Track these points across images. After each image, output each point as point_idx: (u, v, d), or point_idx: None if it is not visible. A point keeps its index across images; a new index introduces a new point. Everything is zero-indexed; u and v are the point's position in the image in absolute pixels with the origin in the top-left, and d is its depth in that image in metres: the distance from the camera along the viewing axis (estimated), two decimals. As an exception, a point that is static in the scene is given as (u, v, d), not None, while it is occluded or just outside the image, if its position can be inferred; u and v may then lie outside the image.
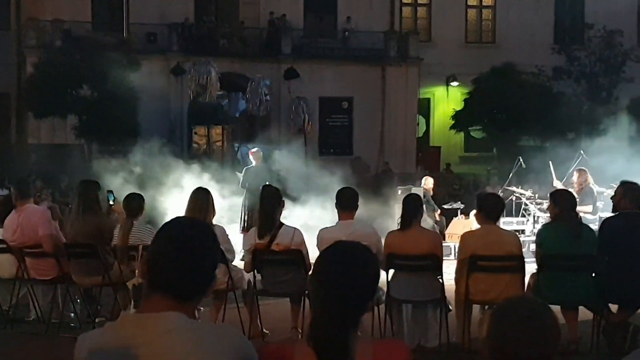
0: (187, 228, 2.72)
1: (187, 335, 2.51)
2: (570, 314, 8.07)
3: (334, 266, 2.74)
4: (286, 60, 29.76)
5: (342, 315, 2.66)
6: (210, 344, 2.52)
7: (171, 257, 2.61)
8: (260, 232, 8.35)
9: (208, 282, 2.70)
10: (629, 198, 8.01)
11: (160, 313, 2.54)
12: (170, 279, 2.60)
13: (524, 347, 2.54)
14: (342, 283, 2.68)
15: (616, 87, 31.74)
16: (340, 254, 2.80)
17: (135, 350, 2.48)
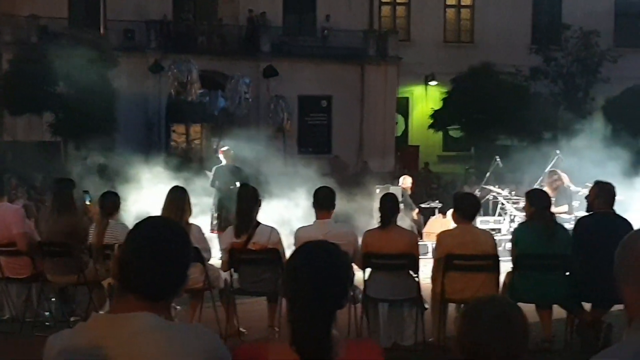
0: (158, 228, 2.70)
1: (159, 336, 2.51)
2: (544, 312, 8.13)
3: (304, 266, 2.74)
4: (265, 58, 29.72)
5: (317, 314, 2.67)
6: (182, 345, 2.52)
7: (143, 257, 2.59)
8: (237, 231, 8.34)
9: (180, 282, 2.68)
10: (603, 198, 8.08)
11: (131, 314, 2.53)
12: (142, 280, 2.58)
13: (493, 346, 2.57)
14: (313, 283, 2.69)
15: (592, 88, 31.95)
16: (310, 254, 2.80)
17: (106, 351, 2.47)
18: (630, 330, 2.51)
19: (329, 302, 2.72)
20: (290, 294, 2.73)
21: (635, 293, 2.46)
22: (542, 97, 31.21)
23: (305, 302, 2.66)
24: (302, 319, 2.64)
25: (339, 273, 2.78)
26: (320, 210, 8.20)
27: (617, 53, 31.90)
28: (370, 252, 8.06)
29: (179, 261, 2.66)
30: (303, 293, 2.68)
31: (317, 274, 2.70)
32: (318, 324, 2.67)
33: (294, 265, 2.77)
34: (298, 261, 2.78)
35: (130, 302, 2.57)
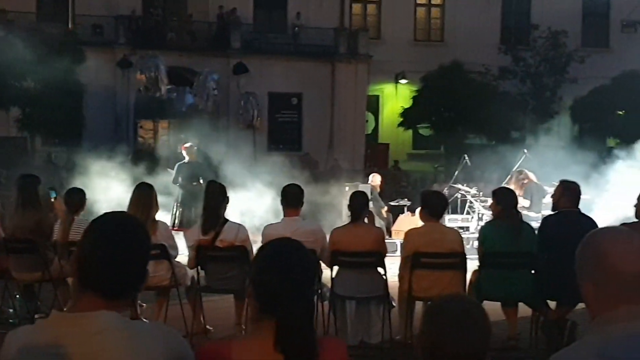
0: (116, 224, 2.66)
1: (119, 335, 2.48)
2: (510, 310, 8.19)
3: (273, 266, 2.74)
4: (235, 55, 29.65)
5: (302, 314, 2.68)
6: (143, 344, 2.50)
7: (100, 255, 2.55)
8: (204, 228, 8.30)
9: (140, 279, 2.65)
10: (568, 197, 8.14)
11: (92, 312, 2.50)
12: (100, 278, 2.55)
13: (455, 345, 2.57)
14: (288, 282, 2.68)
15: (560, 87, 32.21)
16: (277, 252, 2.80)
17: (67, 350, 2.44)
18: (592, 328, 2.53)
19: (307, 301, 2.72)
20: (261, 293, 2.71)
21: (596, 291, 2.48)
22: (511, 96, 31.45)
23: (288, 302, 2.65)
24: (288, 319, 2.63)
25: (307, 271, 2.77)
26: (289, 207, 8.19)
27: (585, 53, 32.20)
28: (338, 250, 8.05)
29: (138, 258, 2.63)
30: (281, 293, 2.66)
31: (288, 272, 2.70)
32: (305, 324, 2.67)
33: (262, 265, 2.76)
34: (266, 261, 2.77)
35: (89, 300, 2.54)
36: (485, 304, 7.51)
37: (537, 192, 14.46)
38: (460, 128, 29.95)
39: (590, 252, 2.50)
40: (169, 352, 2.54)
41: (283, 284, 2.66)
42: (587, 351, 2.43)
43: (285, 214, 8.22)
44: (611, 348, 2.37)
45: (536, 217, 12.78)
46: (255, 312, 2.73)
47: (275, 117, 31.31)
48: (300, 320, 2.66)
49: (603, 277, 2.45)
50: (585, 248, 2.53)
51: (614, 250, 2.45)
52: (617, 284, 2.43)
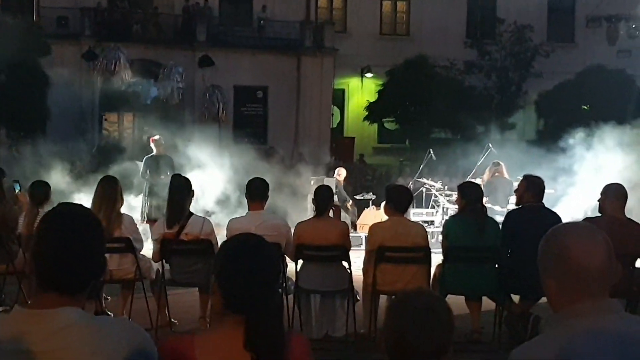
0: (65, 218, 2.61)
1: (83, 331, 2.47)
2: (473, 304, 8.24)
3: (235, 260, 2.73)
4: (201, 47, 29.51)
5: (270, 310, 2.67)
6: (107, 339, 2.48)
7: (53, 251, 2.51)
8: (169, 221, 8.28)
9: (96, 274, 2.61)
10: (532, 191, 8.21)
11: (54, 309, 2.48)
12: (56, 275, 2.51)
13: (418, 339, 2.58)
14: (253, 277, 2.68)
15: (525, 82, 32.39)
16: (238, 248, 2.79)
17: (30, 347, 2.42)
18: (554, 322, 2.56)
19: (276, 298, 2.72)
20: (228, 290, 2.70)
21: (558, 286, 2.50)
22: (476, 90, 31.58)
23: (256, 299, 2.64)
24: (257, 317, 2.63)
25: (272, 267, 2.78)
26: (253, 201, 8.18)
27: (550, 48, 32.41)
28: (303, 244, 8.06)
29: (92, 250, 2.58)
30: (248, 290, 2.66)
31: (253, 269, 2.69)
32: (275, 322, 2.68)
33: (226, 261, 2.75)
34: (230, 257, 2.76)
35: (50, 296, 2.51)
36: (449, 298, 7.58)
37: (502, 188, 14.56)
38: (426, 122, 30.05)
39: (552, 247, 2.53)
40: (132, 347, 2.52)
41: (249, 281, 2.66)
42: (550, 346, 2.45)
43: (250, 208, 8.22)
44: (574, 343, 2.40)
45: (501, 212, 12.87)
46: (219, 306, 2.72)
47: (241, 111, 31.21)
48: (270, 318, 2.66)
49: (565, 272, 2.47)
50: (547, 243, 2.55)
51: (576, 245, 2.47)
52: (579, 279, 2.46)
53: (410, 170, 24.07)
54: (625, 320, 2.52)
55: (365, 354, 7.64)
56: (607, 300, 2.48)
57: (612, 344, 2.40)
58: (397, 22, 36.23)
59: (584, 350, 2.39)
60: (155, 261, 8.40)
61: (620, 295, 7.20)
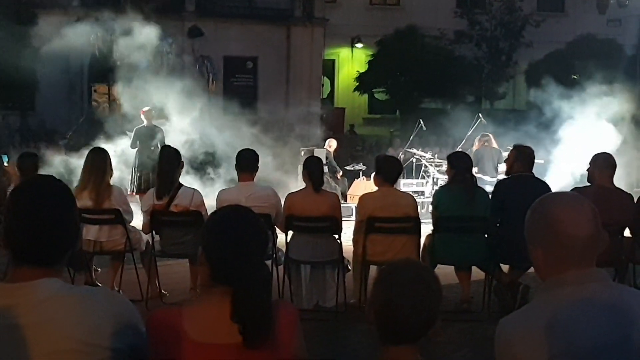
0: (36, 191, 2.57)
1: (66, 300, 2.46)
2: (463, 274, 8.29)
3: (222, 232, 2.72)
4: (190, 18, 29.31)
5: (257, 281, 2.66)
6: (90, 308, 2.47)
7: (23, 225, 2.49)
8: (158, 193, 8.27)
9: (70, 244, 2.58)
10: (521, 161, 8.22)
11: (33, 282, 2.46)
12: (28, 248, 2.49)
13: (406, 310, 2.59)
14: (242, 249, 2.67)
15: (515, 52, 32.32)
16: (225, 219, 2.78)
17: (15, 320, 2.41)
18: (541, 292, 2.57)
19: (263, 269, 2.72)
20: (215, 261, 2.70)
21: (545, 255, 2.51)
22: (466, 60, 31.49)
23: (243, 271, 2.64)
24: (244, 288, 2.62)
25: (259, 238, 2.77)
26: (243, 172, 8.17)
27: (540, 17, 32.29)
28: (293, 215, 8.07)
29: (62, 221, 2.54)
30: (235, 262, 2.65)
31: (240, 241, 2.68)
32: (262, 293, 2.66)
33: (213, 232, 2.74)
34: (217, 229, 2.75)
35: (26, 270, 2.48)
36: (439, 268, 7.63)
37: (490, 157, 14.60)
38: (416, 93, 30.01)
39: (539, 217, 2.53)
40: (116, 317, 2.52)
41: (236, 253, 2.65)
42: (537, 314, 2.47)
43: (240, 179, 8.21)
44: (561, 312, 2.41)
45: (491, 182, 12.91)
46: (206, 278, 2.71)
47: (231, 81, 31.06)
48: (257, 290, 2.65)
49: (552, 241, 2.48)
50: (534, 213, 2.56)
51: (563, 215, 2.48)
52: (566, 248, 2.46)
53: (401, 140, 24.07)
54: (612, 288, 2.53)
55: (355, 324, 7.68)
56: (593, 269, 2.49)
57: (599, 312, 2.41)
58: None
59: (571, 318, 2.40)
60: (145, 233, 8.40)
61: (609, 264, 7.25)
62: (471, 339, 7.33)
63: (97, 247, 8.36)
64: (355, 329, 7.60)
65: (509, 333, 2.49)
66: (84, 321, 2.45)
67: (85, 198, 8.08)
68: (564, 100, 15.45)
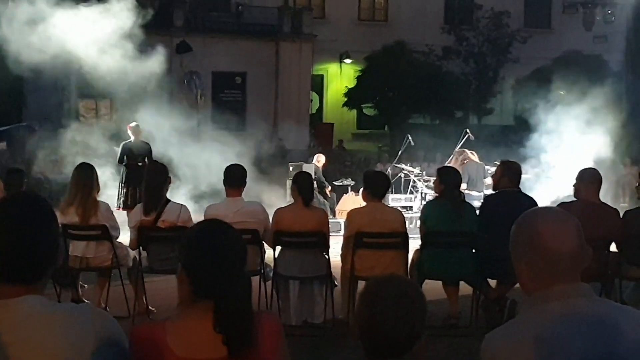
0: (14, 208, 2.55)
1: (47, 319, 2.44)
2: (451, 289, 8.28)
3: (199, 247, 2.72)
4: (178, 33, 29.33)
5: (241, 294, 2.68)
6: (74, 325, 2.46)
7: (1, 241, 2.46)
8: (146, 208, 8.24)
9: (50, 262, 2.56)
10: (508, 177, 8.24)
11: (17, 299, 2.44)
12: (8, 265, 2.47)
13: (391, 325, 2.59)
14: (210, 262, 2.67)
15: (503, 67, 32.50)
16: (202, 234, 2.78)
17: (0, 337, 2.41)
18: (526, 307, 2.58)
19: (243, 281, 2.71)
20: (195, 277, 2.69)
21: (529, 270, 2.52)
22: (454, 76, 31.64)
23: (223, 285, 2.64)
24: (225, 302, 2.62)
25: (237, 251, 2.77)
26: (231, 187, 8.17)
27: (527, 34, 32.51)
28: (281, 230, 8.06)
29: (43, 239, 2.53)
30: (215, 276, 2.65)
31: (218, 254, 2.68)
32: (243, 305, 2.67)
33: (191, 248, 2.74)
34: (194, 244, 2.74)
35: (9, 287, 2.46)
36: (427, 283, 7.63)
37: (477, 172, 14.64)
38: (404, 108, 30.12)
39: (523, 232, 2.54)
40: (99, 333, 2.51)
41: (215, 267, 2.65)
42: (523, 330, 2.47)
43: (228, 194, 8.20)
44: (548, 327, 2.42)
45: (478, 197, 12.94)
46: (187, 294, 2.71)
47: (219, 97, 31.07)
48: (238, 302, 2.65)
49: (536, 256, 2.49)
50: (518, 228, 2.57)
51: (546, 230, 2.49)
52: (550, 263, 2.47)
53: (389, 155, 24.14)
54: (597, 303, 2.54)
55: (343, 340, 7.67)
56: (578, 284, 2.50)
57: (584, 327, 2.42)
58: (375, 7, 36.18)
59: (556, 333, 2.41)
60: (132, 248, 8.37)
61: (595, 279, 7.27)
62: (459, 354, 7.33)
63: (83, 263, 8.32)
64: (343, 344, 7.59)
65: (494, 348, 2.50)
66: (67, 339, 2.43)
67: (71, 214, 8.07)
68: (551, 116, 15.52)
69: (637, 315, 2.55)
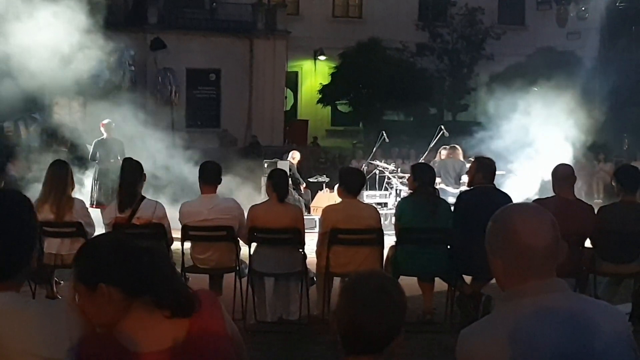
0: None
1: (21, 314, 2.45)
2: (426, 285, 8.31)
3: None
4: (152, 30, 29.18)
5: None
6: (47, 322, 2.46)
7: None
8: (120, 205, 8.19)
9: (24, 260, 2.57)
10: (482, 173, 8.27)
11: None
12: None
13: (370, 321, 2.59)
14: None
15: (477, 64, 32.61)
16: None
17: None
18: (501, 302, 2.60)
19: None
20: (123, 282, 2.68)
21: (505, 266, 2.54)
22: (428, 72, 31.72)
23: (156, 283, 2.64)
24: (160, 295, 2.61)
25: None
26: (206, 184, 8.15)
27: (501, 30, 32.65)
28: (256, 227, 8.06)
29: (18, 235, 2.55)
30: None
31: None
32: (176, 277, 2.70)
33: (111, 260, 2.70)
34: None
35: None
36: (402, 279, 7.65)
37: (453, 168, 14.70)
38: (379, 105, 30.17)
39: (498, 228, 2.56)
40: (73, 330, 2.50)
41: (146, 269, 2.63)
42: (498, 325, 2.49)
43: (203, 191, 8.19)
44: (523, 322, 2.43)
45: (454, 193, 12.99)
46: (121, 299, 2.63)
47: (194, 94, 30.96)
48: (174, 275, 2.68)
49: (511, 252, 2.51)
50: (494, 224, 2.59)
51: (521, 225, 2.51)
52: (525, 258, 2.49)
53: (363, 152, 24.16)
54: (571, 298, 2.56)
55: (318, 336, 7.68)
56: (553, 280, 2.52)
57: (560, 322, 2.44)
58: (349, 4, 36.15)
59: (532, 328, 2.43)
60: (107, 246, 8.30)
61: (570, 275, 7.31)
62: (434, 350, 7.35)
63: (58, 260, 8.27)
64: (318, 341, 7.59)
65: (470, 343, 2.51)
66: (41, 335, 2.43)
67: (46, 211, 8.02)
68: (525, 112, 15.60)
69: (612, 310, 2.57)
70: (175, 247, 8.29)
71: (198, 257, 8.24)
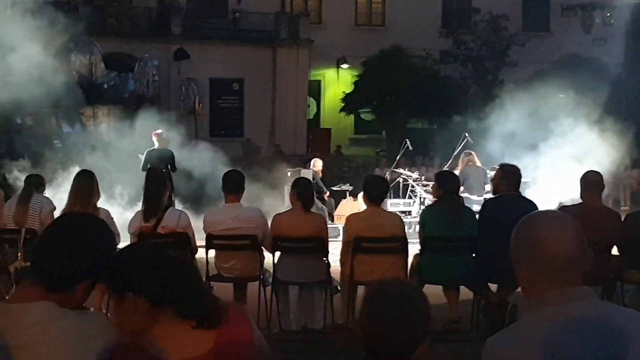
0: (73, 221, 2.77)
1: (58, 325, 2.51)
2: (451, 294, 8.26)
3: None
4: (176, 40, 29.33)
5: None
6: (83, 334, 2.52)
7: (46, 245, 2.65)
8: (145, 215, 8.23)
9: (84, 276, 2.67)
10: (507, 180, 8.23)
11: (29, 303, 2.53)
12: (44, 266, 2.62)
13: (395, 329, 2.59)
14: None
15: (501, 71, 32.47)
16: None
17: (7, 340, 2.48)
18: (526, 311, 2.57)
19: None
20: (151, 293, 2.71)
21: (529, 274, 2.51)
22: (452, 80, 31.62)
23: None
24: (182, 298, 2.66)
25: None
26: (229, 193, 8.17)
27: (525, 37, 32.50)
28: (279, 235, 8.06)
29: (85, 252, 2.66)
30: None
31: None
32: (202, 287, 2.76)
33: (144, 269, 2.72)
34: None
35: (28, 290, 2.59)
36: (427, 288, 7.61)
37: (476, 176, 14.62)
38: (402, 112, 30.11)
39: (522, 235, 2.53)
40: (107, 341, 2.55)
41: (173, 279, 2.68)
42: (524, 334, 2.46)
43: (226, 200, 8.21)
44: (548, 331, 2.40)
45: (478, 201, 12.93)
46: (146, 311, 2.66)
47: (217, 103, 31.07)
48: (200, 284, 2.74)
49: (535, 260, 2.48)
50: (518, 232, 2.56)
51: (545, 233, 2.48)
52: (549, 266, 2.46)
53: (387, 160, 24.12)
54: (599, 306, 2.53)
55: (343, 345, 7.65)
56: (579, 288, 2.49)
57: (587, 330, 2.40)
58: (372, 12, 36.15)
59: (558, 336, 2.39)
60: (132, 255, 8.34)
61: (596, 283, 7.25)
62: (460, 359, 7.31)
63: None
64: (343, 349, 7.56)
65: (496, 352, 2.49)
66: (72, 347, 2.48)
67: (71, 221, 8.07)
68: (550, 119, 15.52)
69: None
70: (199, 256, 8.30)
71: (222, 265, 8.25)
